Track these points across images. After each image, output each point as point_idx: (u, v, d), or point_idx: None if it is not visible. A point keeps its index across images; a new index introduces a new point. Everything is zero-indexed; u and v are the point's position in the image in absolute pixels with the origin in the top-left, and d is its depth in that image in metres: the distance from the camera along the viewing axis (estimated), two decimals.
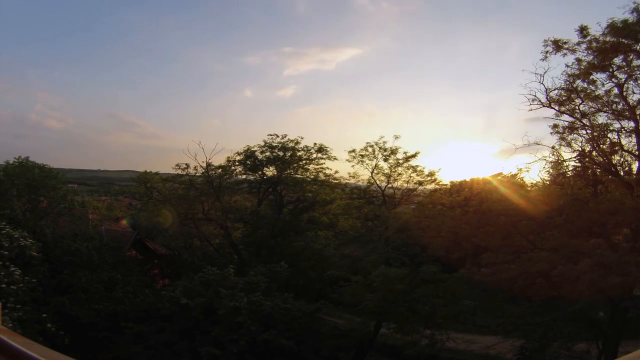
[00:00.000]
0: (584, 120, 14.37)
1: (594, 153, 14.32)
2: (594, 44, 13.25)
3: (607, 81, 13.69)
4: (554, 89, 14.31)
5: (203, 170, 24.53)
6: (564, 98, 14.38)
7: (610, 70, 13.39)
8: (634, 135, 13.63)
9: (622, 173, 13.99)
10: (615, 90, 13.71)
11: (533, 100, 14.41)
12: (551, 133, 14.81)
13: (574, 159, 14.95)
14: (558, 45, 13.72)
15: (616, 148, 13.97)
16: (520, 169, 15.49)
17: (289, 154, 24.72)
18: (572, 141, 14.68)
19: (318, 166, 25.35)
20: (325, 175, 25.42)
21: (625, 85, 13.42)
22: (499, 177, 17.31)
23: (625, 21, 12.36)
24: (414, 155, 24.91)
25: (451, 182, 26.07)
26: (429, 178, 25.37)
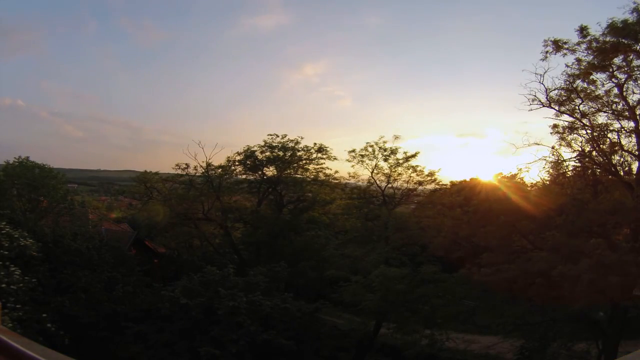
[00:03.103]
0: (584, 120, 14.38)
1: (594, 153, 14.32)
2: (594, 44, 13.26)
3: (607, 81, 13.72)
4: (554, 89, 14.33)
5: (203, 170, 24.54)
6: (564, 98, 14.39)
7: (610, 70, 13.40)
8: (634, 135, 13.63)
9: (622, 173, 14.00)
10: (615, 90, 13.73)
11: (533, 100, 14.44)
12: (551, 133, 14.85)
13: (574, 159, 14.98)
14: (558, 45, 13.73)
15: (616, 148, 13.98)
16: (520, 169, 15.52)
17: (289, 153, 24.74)
18: (572, 141, 14.71)
19: (318, 166, 25.39)
20: (325, 175, 25.45)
21: (625, 85, 13.44)
22: (499, 177, 17.31)
23: (625, 21, 12.37)
24: (413, 155, 24.89)
25: (451, 182, 26.07)
26: (429, 178, 25.34)
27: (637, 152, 13.69)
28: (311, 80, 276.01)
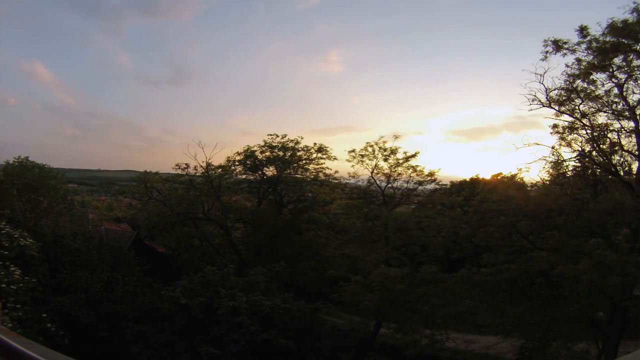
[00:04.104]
0: (584, 120, 14.38)
1: (594, 153, 14.32)
2: (594, 44, 13.27)
3: (607, 81, 13.73)
4: (554, 89, 14.34)
5: (203, 170, 24.55)
6: (564, 98, 14.39)
7: (610, 70, 13.40)
8: (634, 135, 13.64)
9: (622, 173, 14.00)
10: (615, 90, 13.73)
11: (533, 100, 14.44)
12: (551, 133, 14.86)
13: (574, 159, 14.97)
14: (558, 45, 13.74)
15: (616, 148, 13.98)
16: (520, 169, 15.51)
17: (289, 153, 24.75)
18: (572, 141, 14.70)
19: (318, 166, 25.39)
20: (325, 175, 25.45)
21: (625, 85, 13.44)
22: (499, 177, 17.32)
23: (625, 21, 12.38)
24: (413, 155, 24.80)
25: (451, 182, 26.07)
26: (429, 178, 25.30)
27: (637, 152, 13.69)
28: (331, 69, 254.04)
